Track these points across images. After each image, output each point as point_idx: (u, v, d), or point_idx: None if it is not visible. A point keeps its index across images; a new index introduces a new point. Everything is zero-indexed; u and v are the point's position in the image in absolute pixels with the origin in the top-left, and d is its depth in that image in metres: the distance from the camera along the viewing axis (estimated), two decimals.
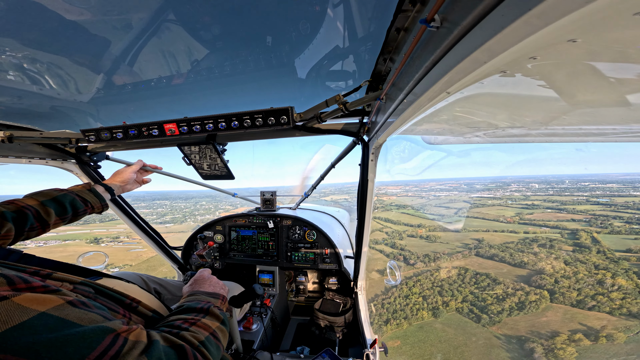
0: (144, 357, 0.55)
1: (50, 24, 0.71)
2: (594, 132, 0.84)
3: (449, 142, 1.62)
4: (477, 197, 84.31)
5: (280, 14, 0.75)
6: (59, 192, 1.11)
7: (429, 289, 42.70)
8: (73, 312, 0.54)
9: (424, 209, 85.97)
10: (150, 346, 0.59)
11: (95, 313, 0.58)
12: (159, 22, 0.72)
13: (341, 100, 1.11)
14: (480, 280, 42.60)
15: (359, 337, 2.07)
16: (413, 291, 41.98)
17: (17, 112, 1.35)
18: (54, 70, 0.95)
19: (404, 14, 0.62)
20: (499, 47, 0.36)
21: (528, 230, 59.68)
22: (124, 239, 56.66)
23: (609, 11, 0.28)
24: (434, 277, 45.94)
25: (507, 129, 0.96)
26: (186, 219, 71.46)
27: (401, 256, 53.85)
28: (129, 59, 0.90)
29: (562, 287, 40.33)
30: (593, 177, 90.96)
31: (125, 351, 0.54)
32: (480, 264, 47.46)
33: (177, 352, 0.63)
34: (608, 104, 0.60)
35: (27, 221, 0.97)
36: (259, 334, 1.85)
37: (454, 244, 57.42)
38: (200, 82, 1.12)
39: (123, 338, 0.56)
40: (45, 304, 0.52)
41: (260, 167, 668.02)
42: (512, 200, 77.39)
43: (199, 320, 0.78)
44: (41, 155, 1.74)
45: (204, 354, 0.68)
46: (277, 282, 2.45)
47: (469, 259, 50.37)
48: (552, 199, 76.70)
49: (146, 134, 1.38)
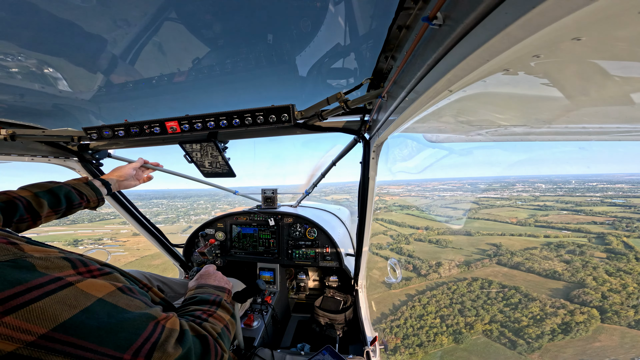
0: (179, 347, 0.58)
1: (52, 23, 0.70)
2: (597, 130, 0.84)
3: (451, 140, 1.62)
4: (484, 198, 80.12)
5: (281, 12, 0.75)
6: (55, 184, 1.09)
7: (447, 306, 34.98)
8: (122, 298, 0.57)
9: (430, 209, 79.98)
10: (183, 336, 0.61)
11: (139, 299, 0.61)
12: (160, 20, 0.72)
13: (342, 98, 1.11)
14: (509, 295, 35.14)
15: (359, 334, 2.08)
16: (428, 310, 33.92)
17: (19, 110, 1.36)
18: (56, 69, 0.96)
19: (405, 12, 0.62)
20: (502, 45, 0.36)
21: (548, 234, 53.48)
22: (107, 241, 54.18)
23: (614, 9, 0.28)
24: (451, 291, 37.81)
25: (510, 128, 0.96)
26: (179, 219, 69.07)
27: (410, 265, 45.71)
28: (131, 57, 0.90)
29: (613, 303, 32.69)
30: (598, 177, 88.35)
31: (163, 339, 0.57)
32: (504, 274, 40.17)
33: (201, 342, 0.66)
34: (612, 102, 0.60)
35: (17, 212, 0.93)
36: (260, 331, 1.87)
37: (469, 250, 49.81)
38: (202, 80, 1.12)
39: (161, 326, 0.59)
40: (101, 290, 0.55)
41: (261, 165, 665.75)
42: (521, 200, 73.01)
43: (215, 312, 0.81)
44: (43, 153, 1.75)
45: (221, 345, 0.71)
46: (278, 280, 2.46)
47: (489, 268, 42.68)
48: (564, 200, 71.11)
49: (148, 132, 1.38)
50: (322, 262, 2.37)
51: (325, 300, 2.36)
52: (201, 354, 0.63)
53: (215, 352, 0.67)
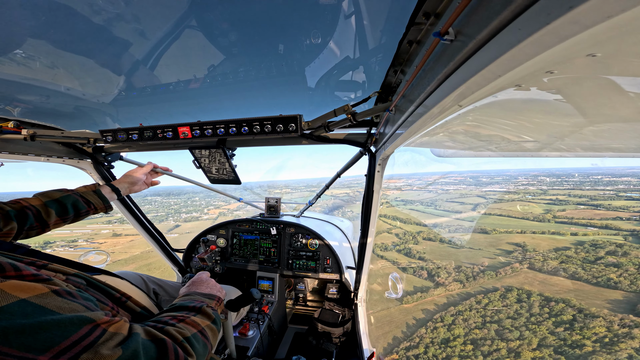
0: (118, 349, 0.55)
1: (81, 27, 0.75)
2: (611, 147, 0.81)
3: (459, 155, 1.60)
4: (491, 192, 73.71)
5: (293, 23, 0.78)
6: (63, 193, 1.16)
7: (479, 327, 25.45)
8: (54, 300, 0.55)
9: (435, 204, 70.08)
10: (128, 338, 0.59)
11: (79, 303, 0.58)
12: (182, 27, 0.76)
13: (350, 110, 1.12)
14: (558, 310, 26.13)
15: (356, 349, 1.99)
16: (455, 333, 24.66)
17: (42, 111, 1.42)
18: (83, 70, 1.01)
19: (416, 27, 0.63)
20: (514, 61, 0.36)
21: (575, 232, 43.93)
22: (81, 243, 50.28)
23: (630, 26, 0.28)
24: (482, 305, 28.15)
25: (521, 143, 0.94)
26: (168, 218, 62.62)
27: (424, 270, 35.07)
28: (152, 62, 0.94)
29: None
30: (600, 170, 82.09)
31: (101, 342, 0.54)
32: (542, 282, 31.45)
33: (157, 345, 0.63)
34: (627, 119, 0.58)
35: (27, 220, 1.02)
36: (255, 341, 1.81)
37: (489, 251, 39.46)
38: (215, 87, 1.15)
39: (102, 329, 0.56)
40: (27, 292, 0.52)
41: (267, 172, 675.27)
42: (530, 194, 65.38)
43: (188, 317, 0.78)
44: (59, 153, 1.81)
45: (186, 349, 0.67)
46: (277, 290, 2.41)
47: (522, 274, 33.55)
48: (575, 194, 62.90)
49: (160, 137, 1.42)
50: (322, 274, 2.32)
51: (324, 312, 2.28)
52: (156, 357, 0.60)
53: (176, 355, 0.63)
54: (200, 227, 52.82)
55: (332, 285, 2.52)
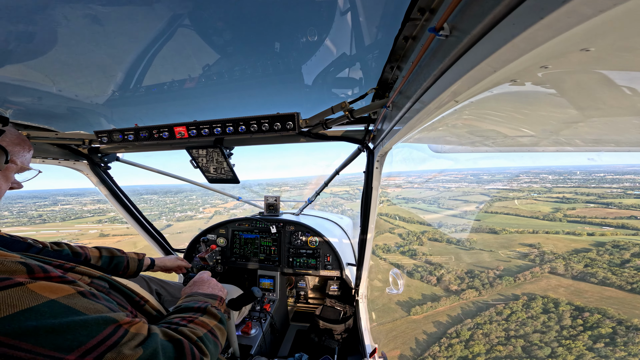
0: (139, 349, 0.57)
1: (74, 26, 0.74)
2: (607, 140, 0.82)
3: (457, 150, 1.61)
4: (494, 190, 72.21)
5: (288, 21, 0.77)
6: (117, 253, 1.36)
7: (502, 342, 21.74)
8: (81, 301, 0.56)
9: (438, 202, 66.66)
10: (147, 338, 0.60)
11: (102, 304, 0.60)
12: (174, 26, 0.75)
13: (347, 107, 1.12)
14: (594, 322, 22.17)
15: (358, 345, 2.01)
16: (474, 350, 21.09)
17: (35, 112, 1.41)
18: (76, 71, 0.99)
19: (412, 23, 0.63)
20: (509, 56, 0.36)
21: (592, 232, 39.06)
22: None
23: (623, 20, 0.28)
24: (503, 317, 23.83)
25: (517, 138, 0.95)
26: (161, 217, 61.16)
27: (433, 276, 30.58)
28: (145, 62, 0.93)
29: None
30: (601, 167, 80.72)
31: (124, 342, 0.56)
32: (568, 288, 27.14)
33: (174, 345, 0.64)
34: (621, 113, 0.59)
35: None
36: (257, 339, 1.82)
37: (502, 253, 35.09)
38: (211, 86, 1.14)
39: (124, 329, 0.58)
40: (56, 292, 0.54)
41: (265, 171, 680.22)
42: (535, 192, 65.32)
43: (197, 318, 0.80)
44: (55, 155, 1.79)
45: (201, 348, 0.69)
46: (278, 288, 2.42)
47: (544, 279, 29.28)
48: (582, 192, 61.15)
49: (156, 137, 1.41)
50: (323, 271, 2.33)
51: (325, 309, 2.30)
52: (174, 357, 0.63)
53: (192, 355, 0.65)
54: (193, 226, 50.76)
55: (333, 282, 2.54)
